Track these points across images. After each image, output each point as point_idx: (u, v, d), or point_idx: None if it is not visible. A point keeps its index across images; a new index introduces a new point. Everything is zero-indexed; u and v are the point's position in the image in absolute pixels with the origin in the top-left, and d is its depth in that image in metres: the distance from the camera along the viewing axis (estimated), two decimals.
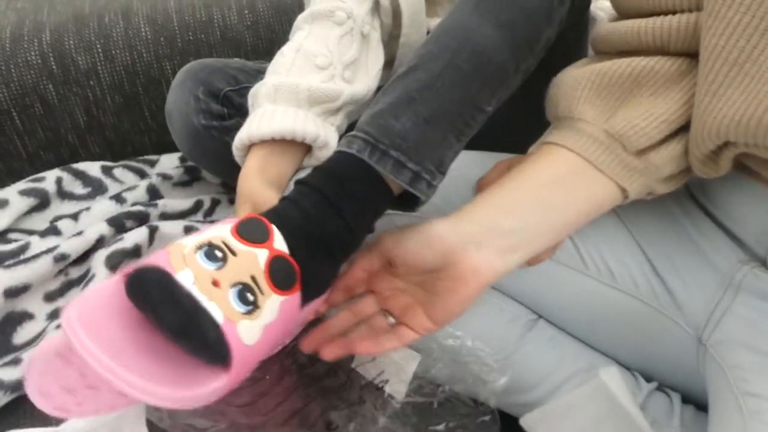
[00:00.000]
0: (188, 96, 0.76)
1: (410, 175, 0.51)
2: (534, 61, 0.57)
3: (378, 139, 0.50)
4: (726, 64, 0.45)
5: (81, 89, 0.97)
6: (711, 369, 0.60)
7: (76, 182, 0.88)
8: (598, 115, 0.52)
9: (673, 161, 0.52)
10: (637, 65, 0.51)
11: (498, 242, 0.50)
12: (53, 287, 0.72)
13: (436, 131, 0.52)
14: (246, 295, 0.42)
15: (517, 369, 0.67)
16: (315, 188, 0.50)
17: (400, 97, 0.52)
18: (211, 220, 0.84)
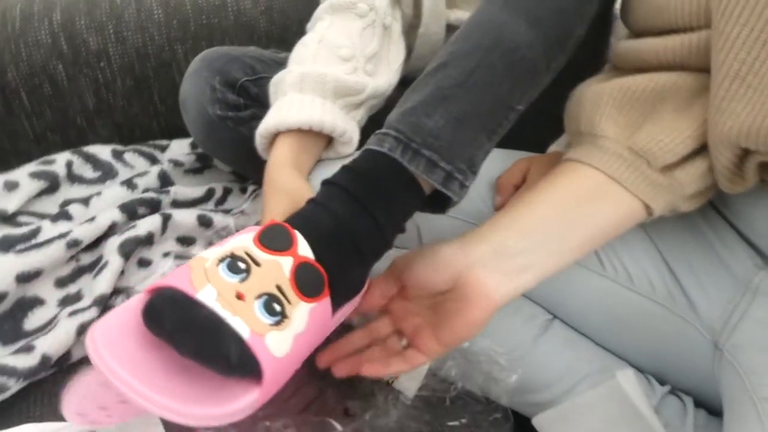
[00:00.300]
0: (204, 85, 0.75)
1: (443, 175, 0.50)
2: (564, 59, 0.56)
3: (410, 137, 0.49)
4: (728, 78, 0.45)
5: (91, 71, 0.96)
6: (727, 374, 0.60)
7: (87, 166, 0.87)
8: (622, 131, 0.52)
9: (699, 178, 0.52)
10: (659, 81, 0.51)
11: (506, 264, 0.50)
12: (64, 273, 0.71)
13: (468, 130, 0.51)
14: (272, 305, 0.41)
15: (531, 368, 0.67)
16: (344, 189, 0.49)
17: (432, 95, 0.51)
18: (223, 209, 0.84)
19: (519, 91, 0.53)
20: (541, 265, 0.51)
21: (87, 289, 0.69)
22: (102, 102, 0.98)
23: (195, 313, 0.39)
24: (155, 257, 0.74)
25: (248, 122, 0.77)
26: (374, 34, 0.71)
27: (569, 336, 0.69)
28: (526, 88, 0.54)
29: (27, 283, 0.67)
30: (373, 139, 0.51)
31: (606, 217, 0.52)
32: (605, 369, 0.67)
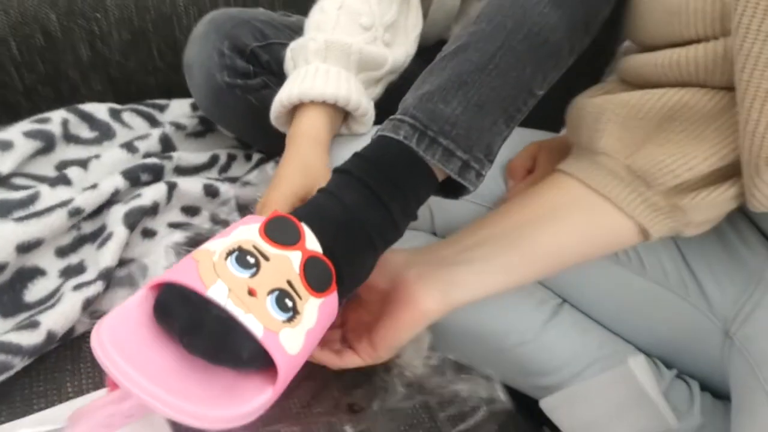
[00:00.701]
0: (212, 50, 0.72)
1: (459, 165, 0.48)
2: (588, 40, 0.54)
3: (426, 125, 0.47)
4: (758, 99, 0.42)
5: (86, 21, 0.90)
6: (736, 363, 0.60)
7: (83, 125, 0.83)
8: (622, 149, 0.50)
9: (708, 208, 0.50)
10: (670, 99, 0.48)
11: (442, 275, 0.50)
12: (65, 242, 0.68)
13: (488, 117, 0.49)
14: (285, 301, 0.40)
15: (540, 352, 0.67)
16: (357, 177, 0.47)
17: (451, 79, 0.49)
18: (227, 177, 0.81)
19: (541, 75, 0.51)
20: (476, 281, 0.50)
21: (90, 260, 0.66)
22: (97, 55, 0.93)
23: (207, 312, 0.38)
24: (160, 228, 0.72)
25: (258, 90, 0.74)
26: (392, 1, 0.68)
27: (579, 320, 0.69)
28: (547, 72, 0.52)
29: (27, 253, 0.64)
30: (387, 125, 0.49)
31: (581, 234, 0.52)
32: (614, 354, 0.67)
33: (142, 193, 0.71)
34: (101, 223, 0.70)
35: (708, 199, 0.49)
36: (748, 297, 0.59)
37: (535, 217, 0.52)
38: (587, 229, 0.52)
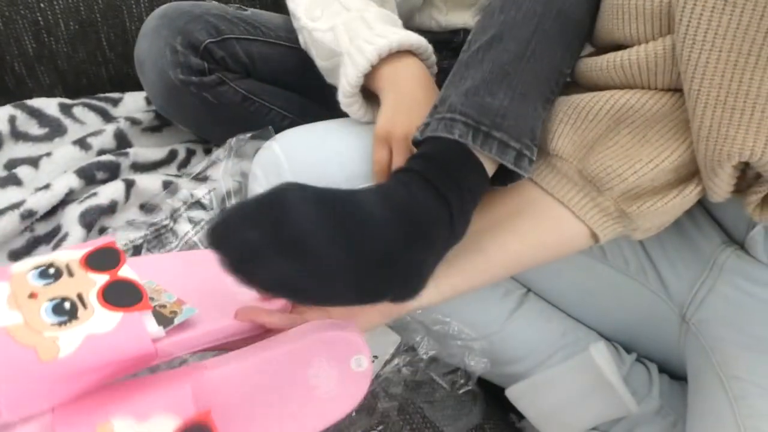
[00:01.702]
0: (164, 46, 0.70)
1: (514, 155, 0.48)
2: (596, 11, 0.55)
3: (479, 120, 0.47)
4: (708, 107, 0.44)
5: (30, 12, 0.86)
6: (693, 348, 0.63)
7: (32, 121, 0.79)
8: (575, 152, 0.51)
9: (652, 216, 0.52)
10: (617, 101, 0.49)
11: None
12: (18, 244, 0.66)
13: (531, 104, 0.50)
14: (63, 307, 0.42)
15: (506, 341, 0.68)
16: (420, 174, 0.46)
17: (492, 72, 0.49)
18: (188, 173, 0.79)
19: (569, 54, 0.53)
20: (442, 284, 0.51)
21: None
22: (43, 47, 0.89)
23: None
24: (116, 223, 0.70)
25: (213, 87, 0.72)
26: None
27: (543, 309, 0.71)
28: (574, 50, 0.53)
29: None
30: (438, 125, 0.48)
31: (538, 237, 0.53)
32: (577, 341, 0.69)
33: (99, 192, 0.69)
34: (56, 224, 0.68)
35: (652, 209, 0.51)
36: (702, 282, 0.61)
37: (497, 222, 0.53)
38: (544, 235, 0.53)
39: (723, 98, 0.43)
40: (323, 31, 0.64)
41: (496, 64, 0.49)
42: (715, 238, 0.61)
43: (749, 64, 0.41)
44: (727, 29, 0.41)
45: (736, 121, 0.43)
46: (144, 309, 0.43)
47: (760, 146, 0.43)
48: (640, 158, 0.49)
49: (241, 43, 0.74)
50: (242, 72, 0.76)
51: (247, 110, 0.76)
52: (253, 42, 0.75)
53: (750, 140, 0.43)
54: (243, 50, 0.75)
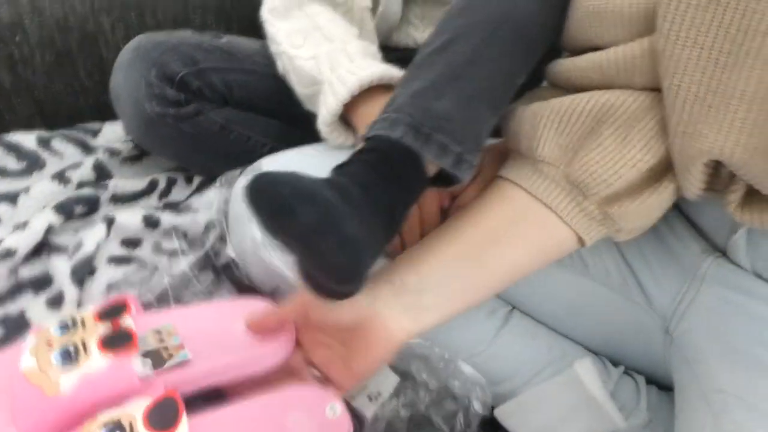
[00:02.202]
0: (139, 79, 0.70)
1: (453, 158, 0.49)
2: (560, 23, 0.55)
3: (422, 122, 0.48)
4: (687, 102, 0.44)
5: (4, 45, 0.86)
6: (677, 360, 0.63)
7: (9, 156, 0.79)
8: (561, 156, 0.51)
9: (634, 216, 0.52)
10: (597, 101, 0.50)
11: (408, 301, 0.50)
12: (2, 289, 0.65)
13: (478, 109, 0.50)
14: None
15: (493, 360, 0.68)
16: (355, 176, 0.47)
17: (442, 74, 0.50)
18: (168, 202, 0.79)
19: (523, 63, 0.53)
20: (444, 303, 0.52)
21: (34, 313, 0.65)
22: (19, 79, 0.89)
23: None
24: (100, 264, 0.69)
25: (191, 118, 0.72)
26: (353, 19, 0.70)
27: (528, 326, 0.71)
28: (529, 59, 0.54)
29: None
30: (383, 124, 0.49)
31: (533, 246, 0.53)
32: (564, 356, 0.69)
33: (84, 241, 0.69)
34: (43, 270, 0.68)
35: (631, 208, 0.51)
36: (684, 293, 0.62)
37: (493, 234, 0.53)
38: (538, 241, 0.54)
39: (702, 95, 0.43)
40: (305, 59, 0.65)
41: (446, 68, 0.50)
42: (695, 247, 0.61)
43: (729, 63, 0.42)
44: (710, 27, 0.42)
45: (711, 119, 0.44)
46: (131, 352, 0.50)
47: (729, 146, 0.43)
48: (624, 162, 0.49)
49: (218, 72, 0.74)
50: (219, 101, 0.76)
51: (225, 139, 0.76)
52: (230, 71, 0.75)
53: (721, 139, 0.43)
54: (219, 79, 0.75)
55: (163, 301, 0.68)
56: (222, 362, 0.54)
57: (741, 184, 0.47)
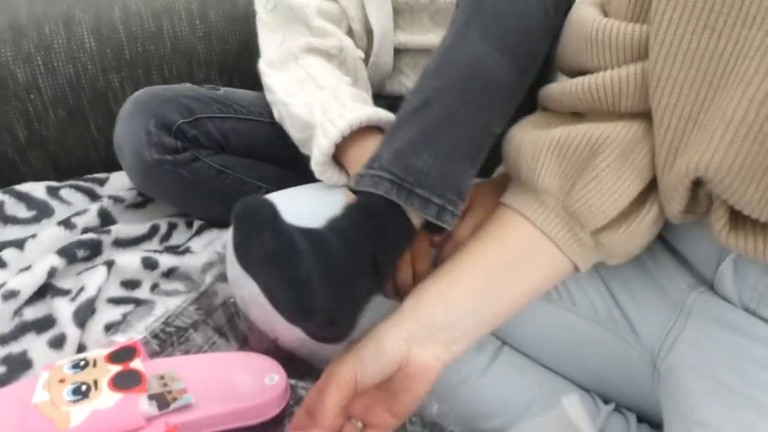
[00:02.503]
0: (138, 129, 0.74)
1: (436, 209, 0.53)
2: (535, 75, 0.59)
3: (403, 178, 0.52)
4: (682, 120, 0.46)
5: (20, 103, 0.92)
6: (664, 395, 0.62)
7: (20, 205, 0.83)
8: (561, 186, 0.54)
9: (625, 242, 0.54)
10: (593, 134, 0.52)
11: (439, 338, 0.52)
12: (6, 329, 0.68)
13: (456, 162, 0.54)
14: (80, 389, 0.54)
15: (482, 396, 0.68)
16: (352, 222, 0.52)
17: (419, 134, 0.54)
18: (169, 246, 0.82)
19: (498, 116, 0.57)
20: (473, 331, 0.54)
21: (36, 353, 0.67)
22: (34, 134, 0.94)
23: None
24: (100, 304, 0.72)
25: (188, 164, 0.76)
26: (347, 70, 0.75)
27: (518, 361, 0.71)
28: (504, 112, 0.57)
29: None
30: (368, 181, 0.53)
31: (538, 275, 0.56)
32: (554, 392, 0.68)
33: (86, 285, 0.72)
34: (45, 312, 0.71)
35: (619, 234, 0.53)
36: (669, 328, 0.61)
37: (508, 262, 0.55)
38: (544, 268, 0.56)
39: (695, 114, 0.45)
40: (299, 106, 0.69)
41: (422, 128, 0.54)
42: (681, 281, 0.61)
43: (721, 84, 0.44)
44: (705, 50, 0.44)
45: (699, 137, 0.45)
46: (140, 392, 0.54)
47: (716, 162, 0.45)
48: (620, 192, 0.51)
49: (214, 121, 0.78)
50: (216, 148, 0.79)
51: (222, 183, 0.79)
52: (226, 119, 0.78)
53: (707, 156, 0.45)
54: (215, 128, 0.79)
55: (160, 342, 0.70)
56: (221, 410, 0.57)
57: (722, 206, 0.48)
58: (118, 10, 0.96)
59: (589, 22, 0.52)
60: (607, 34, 0.50)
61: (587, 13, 0.53)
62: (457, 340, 0.53)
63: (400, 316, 0.53)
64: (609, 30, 0.50)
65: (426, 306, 0.54)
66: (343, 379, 0.52)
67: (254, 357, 0.64)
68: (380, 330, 0.53)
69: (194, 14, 0.99)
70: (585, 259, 0.55)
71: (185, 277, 0.78)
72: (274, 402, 0.60)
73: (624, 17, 0.51)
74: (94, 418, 0.51)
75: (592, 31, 0.51)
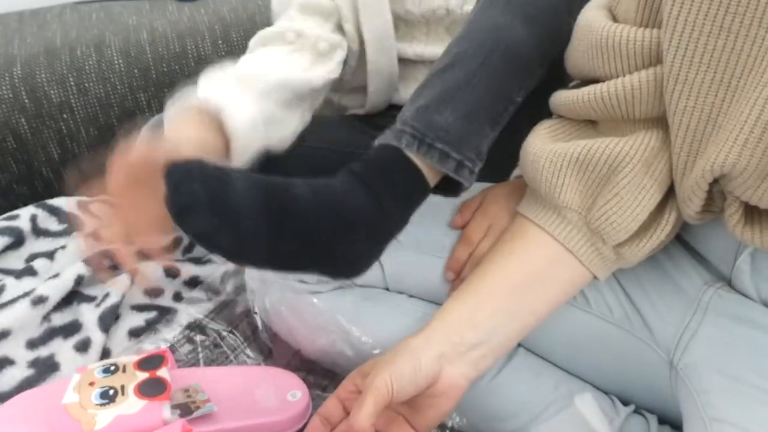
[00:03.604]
0: None
1: (454, 164, 0.57)
2: (557, 51, 0.61)
3: (424, 133, 0.56)
4: (701, 122, 0.46)
5: (54, 122, 0.96)
6: (682, 393, 0.61)
7: (52, 218, 0.87)
8: (582, 202, 0.54)
9: (642, 256, 0.55)
10: (612, 150, 0.52)
11: (468, 356, 0.53)
12: (36, 334, 0.71)
13: (475, 123, 0.58)
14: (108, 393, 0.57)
15: (497, 398, 0.68)
16: (356, 174, 0.55)
17: (441, 94, 0.58)
18: (191, 257, 0.84)
19: (517, 85, 0.60)
20: (499, 347, 0.56)
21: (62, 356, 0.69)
22: (67, 152, 0.99)
23: None
24: (124, 310, 0.74)
25: None
26: (302, 57, 0.74)
27: (533, 363, 0.71)
28: (522, 81, 0.60)
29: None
30: (389, 135, 0.57)
31: (559, 288, 0.57)
32: (570, 394, 0.68)
33: (111, 292, 0.74)
34: (72, 317, 0.73)
35: (640, 246, 0.54)
36: (686, 325, 0.61)
37: (532, 277, 0.56)
38: (566, 281, 0.57)
39: (715, 116, 0.45)
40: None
41: (443, 89, 0.58)
42: (697, 278, 0.61)
43: (740, 85, 0.44)
44: (722, 52, 0.44)
45: (720, 138, 0.45)
46: (164, 400, 0.56)
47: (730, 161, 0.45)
48: (642, 207, 0.52)
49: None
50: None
51: None
52: None
53: (722, 156, 0.45)
54: None
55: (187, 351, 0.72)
56: (243, 424, 0.59)
57: (736, 201, 0.48)
58: (146, 33, 1.01)
59: (599, 29, 0.52)
60: (617, 42, 0.51)
61: (596, 18, 0.53)
62: (485, 357, 0.54)
63: (430, 334, 0.54)
64: (619, 37, 0.50)
65: (455, 326, 0.55)
66: (380, 392, 0.52)
67: (278, 372, 0.66)
68: (412, 345, 0.53)
69: (217, 34, 1.03)
70: (606, 270, 0.57)
71: (206, 285, 0.80)
72: (295, 419, 0.61)
73: (633, 22, 0.51)
74: (118, 422, 0.54)
75: (602, 38, 0.52)
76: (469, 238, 0.67)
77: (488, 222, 0.67)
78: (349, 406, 0.55)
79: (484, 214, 0.68)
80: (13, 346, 0.69)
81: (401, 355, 0.53)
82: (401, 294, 0.70)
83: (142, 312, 0.75)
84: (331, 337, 0.67)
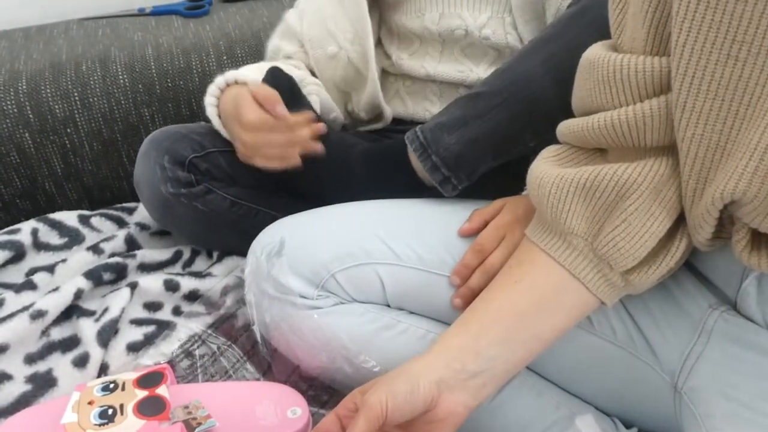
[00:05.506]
0: (153, 165, 0.77)
1: (441, 177, 0.69)
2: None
3: (429, 144, 0.68)
4: (710, 150, 0.46)
5: (58, 137, 0.97)
6: (686, 417, 0.60)
7: (53, 232, 0.87)
8: (588, 228, 0.54)
9: (651, 282, 0.55)
10: (621, 176, 0.52)
11: (468, 384, 0.53)
12: (34, 349, 0.71)
13: (477, 151, 0.68)
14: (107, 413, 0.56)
15: (498, 418, 0.67)
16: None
17: (457, 119, 0.68)
18: (191, 272, 0.84)
19: (532, 132, 0.68)
20: (501, 375, 0.55)
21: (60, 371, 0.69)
22: (70, 167, 0.99)
23: None
24: (123, 325, 0.74)
25: (202, 196, 0.79)
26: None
27: (535, 383, 0.70)
28: (539, 130, 0.66)
29: None
30: (410, 135, 0.70)
31: (565, 315, 0.56)
32: (572, 415, 0.67)
33: (110, 306, 0.74)
34: (71, 332, 0.73)
35: (649, 273, 0.54)
36: (690, 348, 0.60)
37: (535, 308, 0.56)
38: (571, 311, 0.57)
39: (723, 143, 0.45)
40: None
41: (461, 114, 0.68)
42: (702, 302, 0.60)
43: (748, 114, 0.44)
44: (729, 80, 0.44)
45: (729, 166, 0.45)
46: (162, 420, 0.56)
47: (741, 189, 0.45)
48: (650, 234, 0.51)
49: (224, 155, 0.81)
50: (227, 180, 0.82)
51: (236, 214, 0.82)
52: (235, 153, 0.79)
53: (732, 184, 0.45)
54: (226, 161, 0.81)
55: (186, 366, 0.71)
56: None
57: (744, 227, 0.48)
58: (151, 48, 1.01)
59: (605, 63, 0.51)
60: (626, 73, 0.50)
61: (598, 54, 0.53)
62: (486, 385, 0.54)
63: (431, 358, 0.54)
64: (627, 68, 0.50)
65: (456, 353, 0.54)
66: (373, 411, 0.52)
67: (278, 388, 0.65)
68: (413, 368, 0.53)
69: (222, 50, 1.04)
70: (613, 297, 0.56)
71: (206, 299, 0.80)
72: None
73: (642, 50, 0.50)
74: None
75: (609, 72, 0.51)
76: (481, 246, 0.67)
77: (503, 233, 0.67)
78: (347, 423, 0.55)
79: (500, 225, 0.68)
80: (11, 361, 0.69)
81: (400, 376, 0.52)
82: (401, 310, 0.69)
83: (141, 326, 0.75)
84: (331, 353, 0.67)
